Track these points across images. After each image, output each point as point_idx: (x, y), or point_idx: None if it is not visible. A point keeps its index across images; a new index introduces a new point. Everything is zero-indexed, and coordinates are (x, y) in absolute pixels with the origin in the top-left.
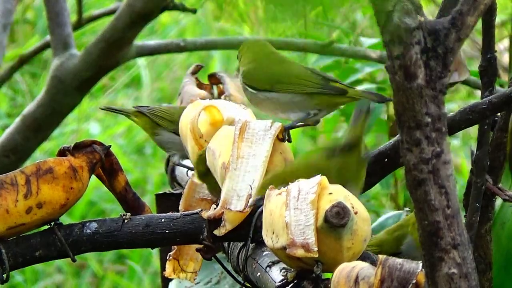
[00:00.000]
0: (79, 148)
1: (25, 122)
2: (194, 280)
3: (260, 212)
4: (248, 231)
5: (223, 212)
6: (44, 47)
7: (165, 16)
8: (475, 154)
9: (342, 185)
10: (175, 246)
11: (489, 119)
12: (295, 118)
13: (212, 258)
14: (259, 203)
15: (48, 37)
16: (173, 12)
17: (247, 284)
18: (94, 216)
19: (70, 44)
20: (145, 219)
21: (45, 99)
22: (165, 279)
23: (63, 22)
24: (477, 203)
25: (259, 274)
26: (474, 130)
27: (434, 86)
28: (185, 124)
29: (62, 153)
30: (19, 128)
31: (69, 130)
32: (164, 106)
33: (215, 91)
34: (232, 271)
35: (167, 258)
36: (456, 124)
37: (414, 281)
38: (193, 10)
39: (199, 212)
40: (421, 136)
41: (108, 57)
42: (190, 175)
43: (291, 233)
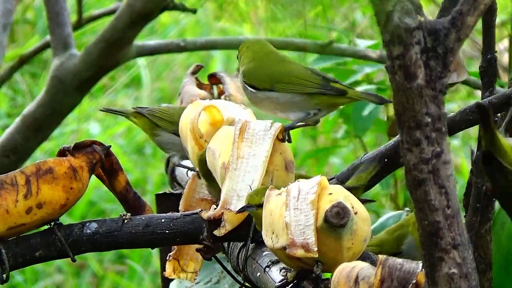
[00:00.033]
0: (79, 148)
1: (25, 122)
2: (194, 280)
3: None
4: (248, 231)
5: (223, 212)
6: (44, 47)
7: (165, 16)
8: (475, 154)
9: None
10: (175, 246)
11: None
12: (294, 118)
13: (212, 258)
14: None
15: (48, 37)
16: (173, 12)
17: (247, 284)
18: (94, 216)
19: (70, 44)
20: (145, 219)
21: (45, 99)
22: (165, 279)
23: (63, 22)
24: (477, 203)
25: (259, 274)
26: (474, 130)
27: (434, 86)
28: (185, 124)
29: (62, 153)
30: (19, 128)
31: (69, 130)
32: (164, 106)
33: (215, 91)
34: (232, 271)
35: (167, 258)
36: (456, 124)
37: (414, 281)
38: (193, 10)
39: (199, 212)
40: (421, 136)
41: (108, 57)
42: (190, 175)
43: (291, 233)
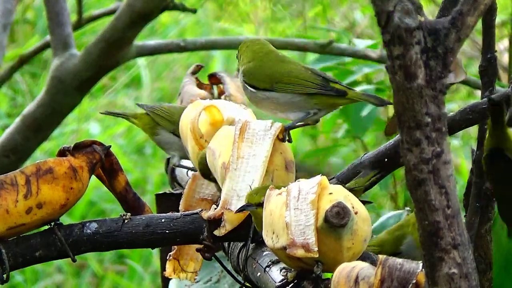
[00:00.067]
0: (79, 148)
1: (25, 122)
2: (194, 279)
3: None
4: (248, 231)
5: (223, 212)
6: (44, 47)
7: (165, 16)
8: (475, 154)
9: None
10: (175, 246)
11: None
12: (294, 117)
13: (212, 257)
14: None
15: (48, 37)
16: (173, 12)
17: (247, 284)
18: (94, 216)
19: (70, 44)
20: (145, 219)
21: (45, 99)
22: (165, 279)
23: (63, 22)
24: (477, 203)
25: (259, 274)
26: (474, 130)
27: (434, 86)
28: (185, 124)
29: (62, 153)
30: (19, 128)
31: (69, 130)
32: (165, 105)
33: (215, 91)
34: (232, 270)
35: (167, 258)
36: (456, 124)
37: (414, 281)
38: (193, 10)
39: (199, 212)
40: (421, 136)
41: (108, 57)
42: (190, 175)
43: (291, 233)
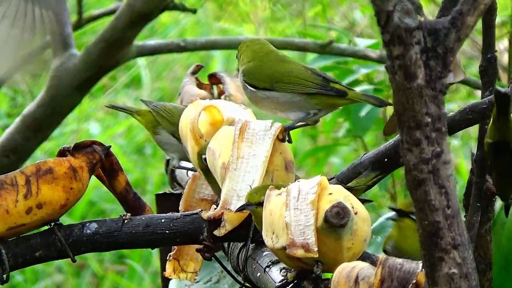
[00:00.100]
0: (79, 148)
1: (25, 122)
2: (194, 280)
3: None
4: (248, 231)
5: (223, 212)
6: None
7: (165, 16)
8: (475, 154)
9: None
10: (175, 246)
11: (489, 119)
12: (294, 117)
13: (212, 257)
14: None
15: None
16: (173, 12)
17: (247, 284)
18: (94, 216)
19: (70, 44)
20: (145, 219)
21: (45, 99)
22: (165, 279)
23: (63, 22)
24: (477, 203)
25: (259, 274)
26: (474, 130)
27: (434, 86)
28: (185, 124)
29: (62, 153)
30: (19, 128)
31: (69, 130)
32: (168, 105)
33: (215, 91)
34: (232, 271)
35: (167, 258)
36: (456, 124)
37: (414, 281)
38: (193, 10)
39: (199, 212)
40: (421, 136)
41: (108, 57)
42: (190, 175)
43: (291, 233)
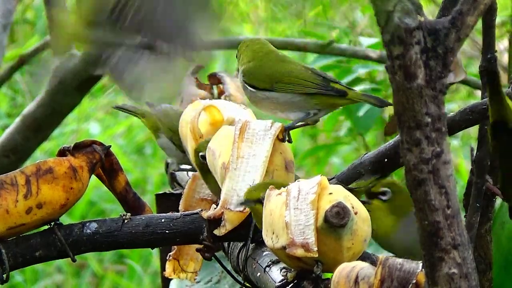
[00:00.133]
0: (79, 148)
1: (25, 122)
2: (194, 280)
3: None
4: (248, 231)
5: (223, 212)
6: (44, 47)
7: None
8: (475, 154)
9: None
10: (175, 246)
11: (489, 119)
12: (294, 117)
13: (212, 257)
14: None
15: (48, 37)
16: None
17: (247, 284)
18: (94, 216)
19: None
20: (145, 219)
21: (45, 99)
22: (165, 279)
23: None
24: (477, 203)
25: (259, 274)
26: (474, 130)
27: (434, 86)
28: (185, 124)
29: (62, 153)
30: (19, 128)
31: (69, 130)
32: (170, 110)
33: (215, 91)
34: (232, 271)
35: (167, 258)
36: (456, 124)
37: (414, 281)
38: None
39: (199, 212)
40: (421, 136)
41: None
42: (190, 175)
43: (291, 233)
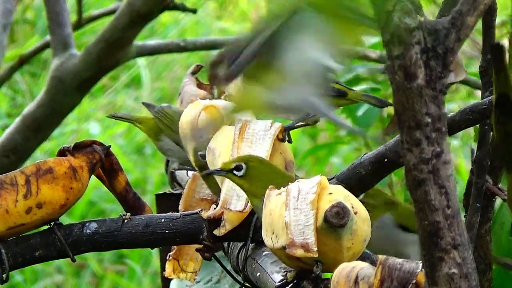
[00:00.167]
0: (79, 148)
1: (25, 122)
2: (194, 280)
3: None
4: (247, 231)
5: (223, 212)
6: (44, 47)
7: (165, 16)
8: (475, 154)
9: None
10: (175, 246)
11: (489, 119)
12: (294, 117)
13: (212, 257)
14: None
15: (48, 37)
16: (173, 12)
17: (247, 284)
18: (94, 216)
19: (70, 44)
20: (145, 219)
21: (45, 99)
22: (165, 279)
23: (63, 22)
24: (477, 203)
25: (258, 274)
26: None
27: (434, 86)
28: (185, 124)
29: (62, 153)
30: (19, 128)
31: (69, 130)
32: (170, 111)
33: (215, 91)
34: (231, 270)
35: (167, 258)
36: (456, 124)
37: (414, 281)
38: (193, 10)
39: (199, 212)
40: (421, 136)
41: (108, 57)
42: (190, 175)
43: (291, 233)
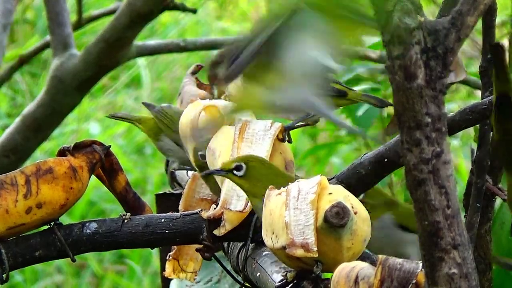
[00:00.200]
0: (79, 148)
1: (25, 122)
2: (194, 279)
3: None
4: (247, 231)
5: (223, 212)
6: (44, 47)
7: (165, 16)
8: (475, 154)
9: None
10: (175, 246)
11: (489, 119)
12: (294, 117)
13: (212, 257)
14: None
15: (48, 37)
16: (173, 12)
17: (247, 284)
18: (94, 216)
19: (70, 44)
20: (145, 219)
21: (45, 99)
22: (165, 279)
23: (63, 22)
24: (477, 203)
25: (258, 274)
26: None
27: (434, 86)
28: (185, 124)
29: (62, 153)
30: (19, 128)
31: (69, 130)
32: (171, 111)
33: (215, 91)
34: (231, 270)
35: (167, 258)
36: (456, 124)
37: (414, 281)
38: (193, 10)
39: (199, 212)
40: (421, 136)
41: (108, 57)
42: (190, 175)
43: (291, 233)
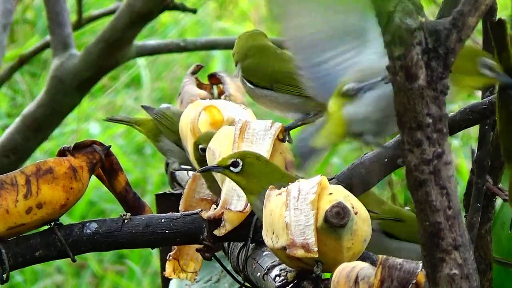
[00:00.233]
0: (79, 148)
1: (25, 122)
2: (194, 279)
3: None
4: (248, 231)
5: (223, 212)
6: (44, 47)
7: (165, 16)
8: (475, 154)
9: None
10: (175, 246)
11: (489, 119)
12: (293, 117)
13: (212, 257)
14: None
15: (48, 37)
16: (173, 12)
17: (247, 284)
18: (94, 216)
19: (70, 44)
20: (145, 219)
21: (45, 99)
22: (165, 279)
23: (63, 22)
24: (478, 204)
25: (259, 274)
26: (475, 130)
27: (435, 87)
28: (185, 124)
29: (62, 153)
30: (19, 128)
31: (69, 130)
32: (170, 113)
33: (215, 91)
34: (232, 270)
35: (167, 258)
36: (456, 125)
37: (414, 281)
38: (193, 10)
39: (199, 212)
40: (422, 137)
41: (108, 57)
42: (191, 175)
43: (291, 233)
